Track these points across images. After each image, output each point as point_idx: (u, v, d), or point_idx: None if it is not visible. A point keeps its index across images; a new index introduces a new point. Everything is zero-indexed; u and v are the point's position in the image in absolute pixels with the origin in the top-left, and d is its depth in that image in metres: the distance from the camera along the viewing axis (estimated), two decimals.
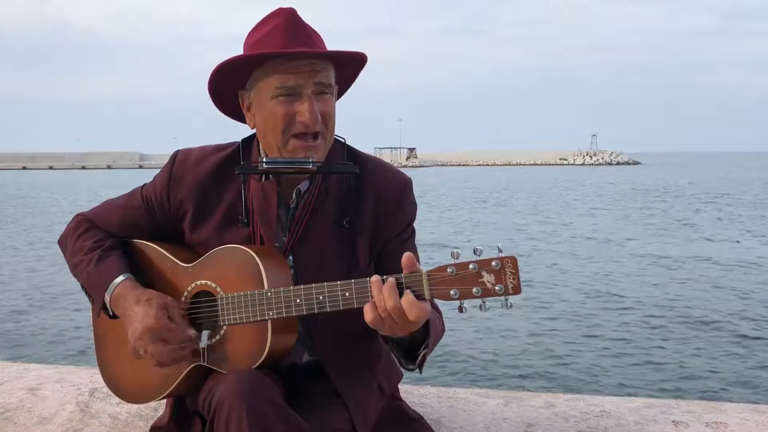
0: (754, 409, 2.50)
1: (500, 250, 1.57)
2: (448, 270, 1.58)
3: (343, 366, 1.90)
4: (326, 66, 1.79)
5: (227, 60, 1.79)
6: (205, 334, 1.80)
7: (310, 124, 1.76)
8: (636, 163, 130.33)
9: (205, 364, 1.81)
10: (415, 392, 2.59)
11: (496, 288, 1.56)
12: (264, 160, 1.78)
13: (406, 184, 1.92)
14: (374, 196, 1.88)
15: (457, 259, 1.58)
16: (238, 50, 1.85)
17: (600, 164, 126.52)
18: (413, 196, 1.94)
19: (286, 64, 1.75)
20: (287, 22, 1.78)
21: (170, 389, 1.87)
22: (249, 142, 1.94)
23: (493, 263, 1.57)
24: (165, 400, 2.03)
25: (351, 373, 1.90)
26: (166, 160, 1.99)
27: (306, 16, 1.84)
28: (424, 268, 1.63)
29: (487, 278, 1.56)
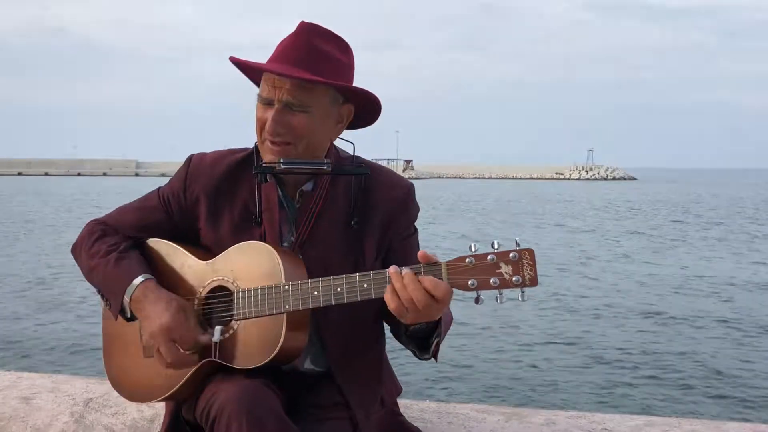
0: (755, 429, 2.48)
1: (518, 243, 1.62)
2: (467, 260, 1.64)
3: (353, 374, 1.92)
4: (305, 86, 1.82)
5: (233, 60, 1.90)
6: (218, 329, 1.81)
7: (270, 133, 1.84)
8: (632, 178, 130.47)
9: (216, 360, 1.81)
10: (414, 407, 2.56)
11: (514, 279, 1.61)
12: (281, 160, 1.84)
13: (410, 188, 2.01)
14: (382, 199, 1.95)
15: (476, 251, 1.63)
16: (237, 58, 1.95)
17: (596, 179, 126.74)
18: (416, 199, 2.03)
19: (267, 74, 1.85)
20: (296, 36, 1.87)
21: (176, 387, 1.86)
22: None
23: (511, 255, 1.61)
24: (163, 413, 2.00)
25: (359, 382, 1.92)
26: (163, 168, 2.01)
27: None
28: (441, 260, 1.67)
29: (505, 269, 1.61)
